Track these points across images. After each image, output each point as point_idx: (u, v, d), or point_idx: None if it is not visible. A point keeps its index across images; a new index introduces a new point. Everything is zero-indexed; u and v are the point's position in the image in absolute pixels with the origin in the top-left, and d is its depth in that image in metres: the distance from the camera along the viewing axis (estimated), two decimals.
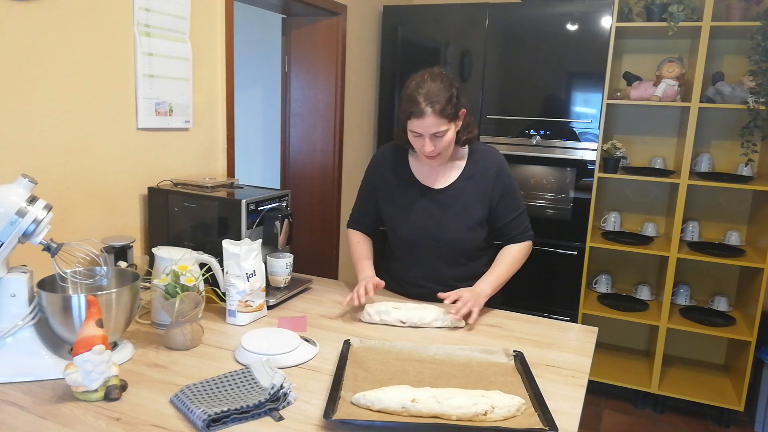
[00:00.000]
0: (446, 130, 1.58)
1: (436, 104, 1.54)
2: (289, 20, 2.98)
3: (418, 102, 1.54)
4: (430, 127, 1.56)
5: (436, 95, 1.54)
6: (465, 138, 1.69)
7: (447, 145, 1.61)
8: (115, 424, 1.06)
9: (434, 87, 1.55)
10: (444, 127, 1.57)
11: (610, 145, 2.94)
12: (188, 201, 1.74)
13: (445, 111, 1.55)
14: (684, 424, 2.90)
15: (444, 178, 1.75)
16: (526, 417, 1.10)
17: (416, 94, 1.55)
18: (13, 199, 1.19)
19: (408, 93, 1.58)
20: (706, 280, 3.16)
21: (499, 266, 1.73)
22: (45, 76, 1.51)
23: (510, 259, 1.74)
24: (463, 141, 1.70)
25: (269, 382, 1.13)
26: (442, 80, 1.57)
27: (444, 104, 1.54)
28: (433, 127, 1.55)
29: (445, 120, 1.56)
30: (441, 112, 1.54)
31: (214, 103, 2.13)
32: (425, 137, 1.58)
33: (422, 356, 1.34)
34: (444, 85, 1.56)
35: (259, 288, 1.57)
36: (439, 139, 1.58)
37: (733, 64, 2.93)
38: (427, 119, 1.54)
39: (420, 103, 1.54)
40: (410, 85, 1.59)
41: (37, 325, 1.24)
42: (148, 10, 1.78)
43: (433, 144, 1.59)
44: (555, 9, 2.84)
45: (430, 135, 1.57)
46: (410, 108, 1.56)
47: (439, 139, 1.58)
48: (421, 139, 1.59)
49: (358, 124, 3.22)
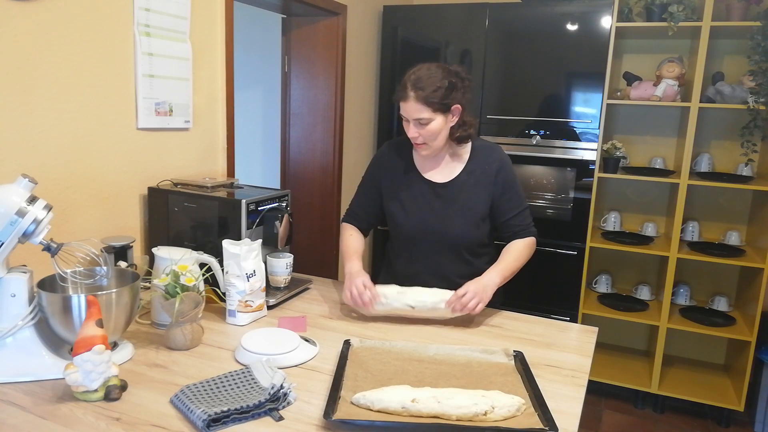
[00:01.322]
0: (429, 119, 1.60)
1: (420, 90, 1.57)
2: (289, 20, 2.98)
3: (405, 86, 1.60)
4: (412, 112, 1.60)
5: (424, 82, 1.58)
6: (458, 135, 1.69)
7: (432, 135, 1.63)
8: (115, 424, 1.06)
9: (425, 74, 1.60)
10: (426, 115, 1.59)
11: (610, 145, 2.94)
12: (188, 201, 1.74)
13: (429, 99, 1.57)
14: (684, 424, 2.90)
15: (447, 172, 1.76)
16: (526, 417, 1.10)
17: (407, 79, 1.61)
18: (13, 199, 1.19)
19: (404, 77, 1.63)
20: (706, 280, 3.16)
21: (506, 257, 1.72)
22: (45, 76, 1.51)
23: (516, 252, 1.73)
24: (456, 137, 1.70)
25: (269, 382, 1.13)
26: (441, 71, 1.61)
27: (429, 92, 1.57)
28: (414, 113, 1.59)
29: (428, 108, 1.59)
30: (424, 99, 1.57)
31: (214, 103, 2.13)
32: (410, 122, 1.62)
33: (422, 356, 1.34)
34: (438, 75, 1.59)
35: (259, 288, 1.57)
36: (423, 126, 1.61)
37: (733, 64, 2.93)
38: (410, 103, 1.59)
39: (406, 87, 1.59)
40: (408, 71, 1.64)
41: (37, 325, 1.24)
42: (148, 10, 1.78)
43: (417, 131, 1.62)
44: (555, 9, 2.84)
45: (413, 120, 1.61)
46: (399, 91, 1.62)
47: (423, 126, 1.61)
48: (408, 124, 1.64)
49: (358, 124, 3.22)
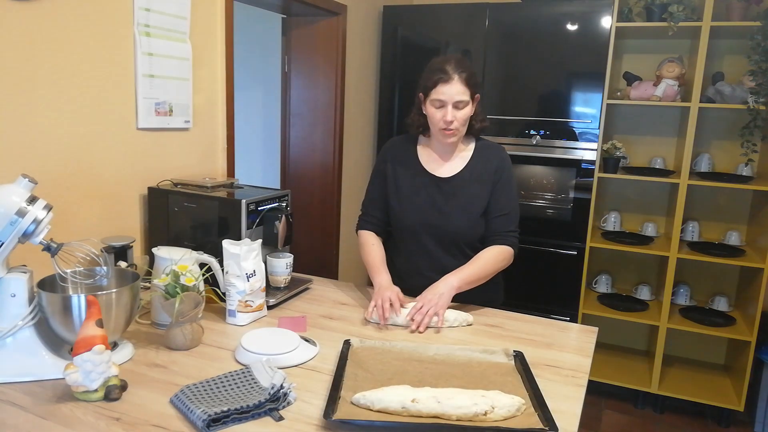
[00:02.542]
0: (467, 103, 1.65)
1: (463, 72, 1.63)
2: (289, 20, 2.98)
3: (446, 69, 1.63)
4: (456, 94, 1.62)
5: (463, 65, 1.65)
6: (479, 126, 1.75)
7: (463, 120, 1.67)
8: (115, 424, 1.06)
9: (461, 59, 1.68)
10: (466, 98, 1.64)
11: (610, 145, 2.94)
12: (188, 201, 1.74)
13: (470, 80, 1.64)
14: (684, 424, 2.90)
15: (450, 167, 1.77)
16: (526, 417, 1.10)
17: (445, 64, 1.64)
18: (13, 199, 1.19)
19: (434, 66, 1.67)
20: (706, 280, 3.16)
21: (474, 264, 1.69)
22: (45, 76, 1.51)
23: (485, 261, 1.71)
24: (476, 129, 1.76)
25: (269, 382, 1.13)
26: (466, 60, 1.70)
27: (470, 74, 1.65)
28: (458, 95, 1.62)
29: (469, 90, 1.64)
30: (467, 80, 1.63)
31: (214, 103, 2.13)
32: (448, 106, 1.64)
33: (422, 356, 1.34)
34: (468, 63, 1.68)
35: (259, 288, 1.57)
36: (459, 110, 1.65)
37: (733, 64, 2.93)
38: (454, 85, 1.62)
39: (448, 70, 1.62)
40: (435, 61, 1.68)
41: (37, 325, 1.24)
42: (148, 10, 1.78)
43: (454, 114, 1.64)
44: (555, 9, 2.84)
45: (453, 103, 1.63)
46: (437, 75, 1.63)
47: (459, 110, 1.65)
48: (443, 110, 1.65)
49: (358, 124, 3.22)
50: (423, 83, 1.69)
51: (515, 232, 1.77)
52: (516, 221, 1.77)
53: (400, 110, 3.26)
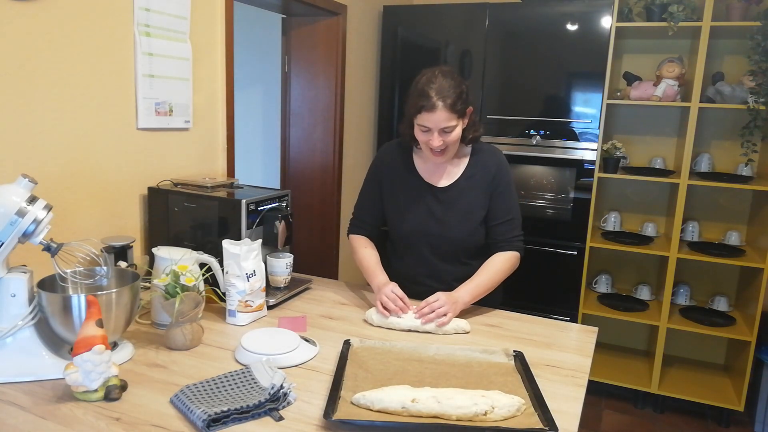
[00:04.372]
0: (454, 126, 1.60)
1: (447, 98, 1.56)
2: (289, 20, 2.98)
3: (430, 96, 1.56)
4: (440, 122, 1.57)
5: (447, 90, 1.56)
6: (471, 136, 1.71)
7: (454, 141, 1.63)
8: (115, 424, 1.06)
9: (445, 83, 1.58)
10: (453, 123, 1.59)
11: (610, 145, 2.94)
12: (188, 201, 1.74)
13: (455, 106, 1.57)
14: (684, 424, 2.90)
15: (447, 176, 1.75)
16: (526, 417, 1.10)
17: (428, 89, 1.57)
18: (13, 199, 1.19)
19: (419, 88, 1.59)
20: (706, 280, 3.16)
21: (481, 275, 1.69)
22: (45, 76, 1.51)
23: (492, 270, 1.70)
24: (469, 139, 1.71)
25: (269, 382, 1.13)
26: (452, 77, 1.60)
27: (454, 99, 1.57)
28: (443, 122, 1.57)
29: (454, 115, 1.58)
30: (451, 106, 1.56)
31: (214, 103, 2.13)
32: (434, 132, 1.59)
33: (422, 356, 1.34)
34: (454, 81, 1.59)
35: (259, 288, 1.57)
36: (447, 134, 1.60)
37: (733, 64, 2.93)
38: (438, 113, 1.56)
39: (432, 97, 1.56)
40: (421, 81, 1.61)
41: (37, 325, 1.24)
42: (148, 10, 1.78)
43: (441, 139, 1.60)
44: (555, 9, 2.84)
45: (439, 130, 1.59)
46: (421, 102, 1.57)
47: (447, 134, 1.60)
48: (429, 134, 1.60)
49: (358, 124, 3.22)
50: (408, 105, 1.64)
51: (520, 236, 1.76)
52: (519, 225, 1.77)
53: (400, 110, 3.26)
